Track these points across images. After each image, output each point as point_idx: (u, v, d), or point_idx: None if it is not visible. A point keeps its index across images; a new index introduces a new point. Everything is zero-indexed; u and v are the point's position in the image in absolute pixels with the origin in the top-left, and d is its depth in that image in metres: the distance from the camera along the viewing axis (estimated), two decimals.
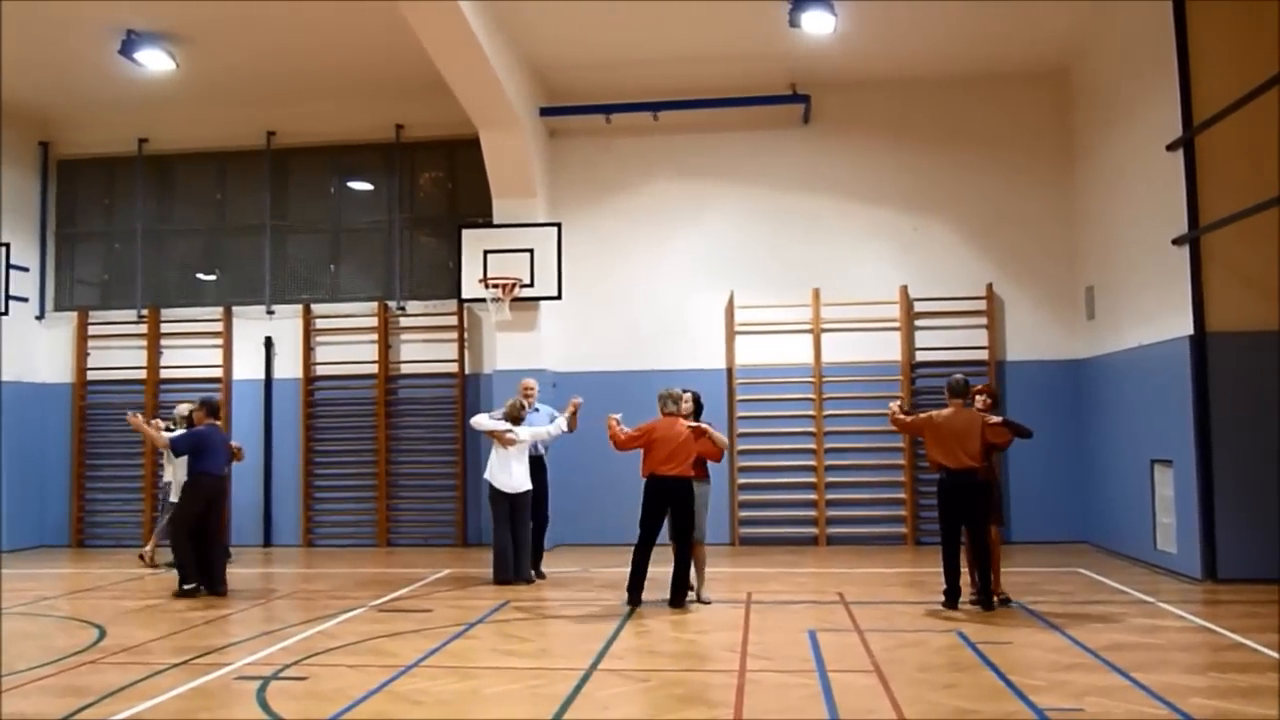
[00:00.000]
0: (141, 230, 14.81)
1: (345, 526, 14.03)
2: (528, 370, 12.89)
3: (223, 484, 10.25)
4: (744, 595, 9.42)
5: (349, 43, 12.34)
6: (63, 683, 6.42)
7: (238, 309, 14.47)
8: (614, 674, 6.42)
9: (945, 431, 8.56)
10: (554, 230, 12.86)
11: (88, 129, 14.87)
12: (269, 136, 14.48)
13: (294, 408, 14.17)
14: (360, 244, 14.66)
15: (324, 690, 6.10)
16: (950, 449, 8.51)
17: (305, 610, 9.07)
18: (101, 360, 14.66)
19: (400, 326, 14.21)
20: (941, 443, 8.56)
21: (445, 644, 7.40)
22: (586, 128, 13.72)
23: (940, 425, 8.60)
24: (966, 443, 8.50)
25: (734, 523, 13.33)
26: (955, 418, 8.61)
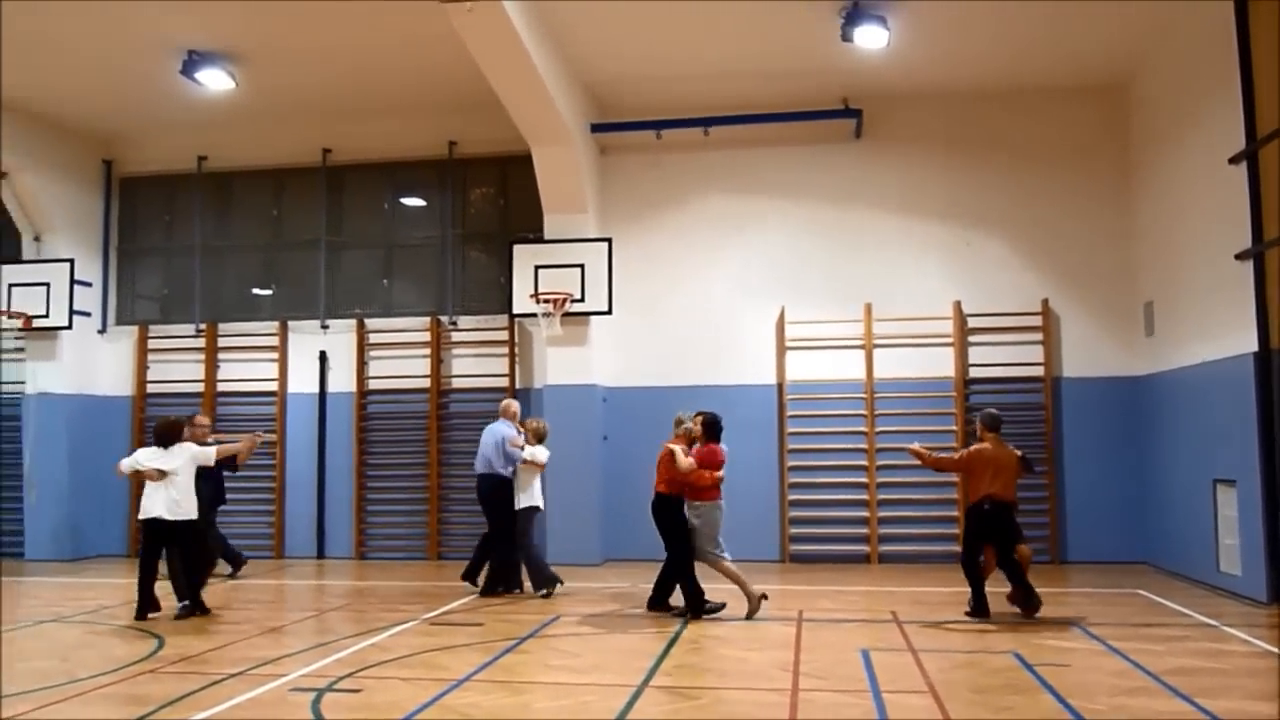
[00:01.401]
0: (200, 246, 15.10)
1: (397, 539, 14.14)
2: (578, 385, 12.97)
3: None
4: (795, 613, 9.34)
5: (404, 61, 12.50)
6: (124, 691, 6.53)
7: (293, 323, 14.69)
8: (665, 691, 6.40)
9: (992, 464, 9.03)
10: (604, 245, 12.91)
11: (149, 147, 15.20)
12: (325, 153, 14.70)
13: (347, 421, 14.33)
14: (413, 259, 14.82)
15: (377, 703, 6.14)
16: (997, 481, 9.01)
17: (358, 623, 9.15)
18: (161, 373, 14.94)
19: (452, 341, 14.33)
20: (989, 475, 9.02)
21: (496, 658, 7.42)
22: (637, 143, 13.77)
23: (988, 459, 9.06)
24: (1008, 475, 9.07)
25: (784, 539, 13.23)
26: (999, 451, 9.13)
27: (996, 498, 8.95)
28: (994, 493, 8.95)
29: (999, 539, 9.02)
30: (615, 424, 13.35)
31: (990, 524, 8.98)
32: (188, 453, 9.52)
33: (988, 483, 8.97)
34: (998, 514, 8.96)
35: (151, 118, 14.50)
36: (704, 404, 13.25)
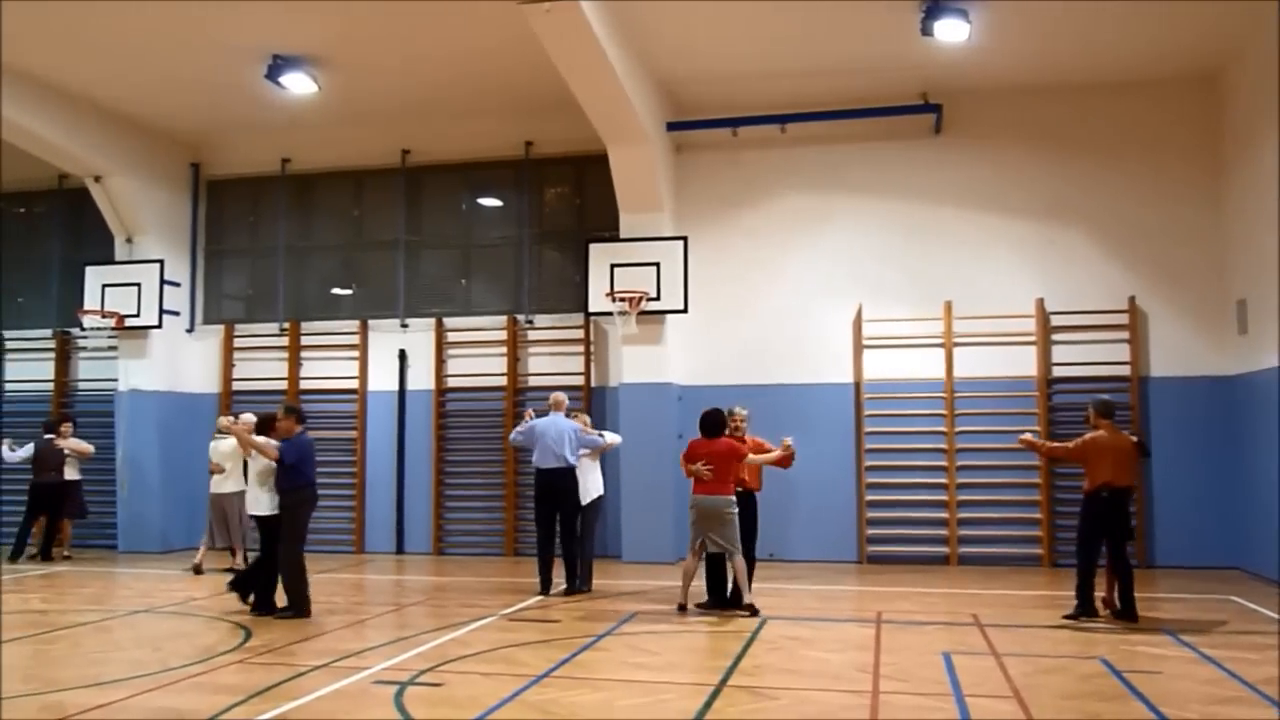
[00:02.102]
0: (284, 246, 15.44)
1: (474, 535, 14.30)
2: (653, 384, 12.98)
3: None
4: (874, 614, 9.23)
5: (482, 62, 12.62)
6: (214, 680, 6.70)
7: (373, 322, 14.93)
8: (744, 690, 6.37)
9: (1110, 451, 8.90)
10: (680, 244, 12.90)
11: (235, 150, 15.58)
12: (404, 155, 14.92)
13: (426, 418, 14.54)
14: (490, 259, 14.98)
15: (458, 697, 6.21)
16: (1115, 467, 8.86)
17: (437, 618, 9.27)
18: (246, 371, 15.31)
19: (528, 340, 14.45)
20: (1107, 462, 8.88)
21: (575, 655, 7.46)
22: (713, 141, 13.74)
23: (1105, 446, 8.92)
24: (1125, 461, 8.96)
25: (861, 540, 13.09)
26: (1115, 438, 8.98)
27: (1115, 485, 8.82)
28: (1111, 480, 8.82)
29: (1115, 530, 8.86)
30: (690, 423, 13.22)
31: (1108, 513, 8.82)
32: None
33: (1106, 470, 8.84)
34: (1116, 501, 8.83)
35: (237, 122, 14.85)
36: (780, 403, 13.31)
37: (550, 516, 10.57)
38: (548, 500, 10.56)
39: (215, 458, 12.10)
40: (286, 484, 9.16)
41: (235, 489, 11.90)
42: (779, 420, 13.21)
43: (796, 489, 13.23)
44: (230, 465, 11.98)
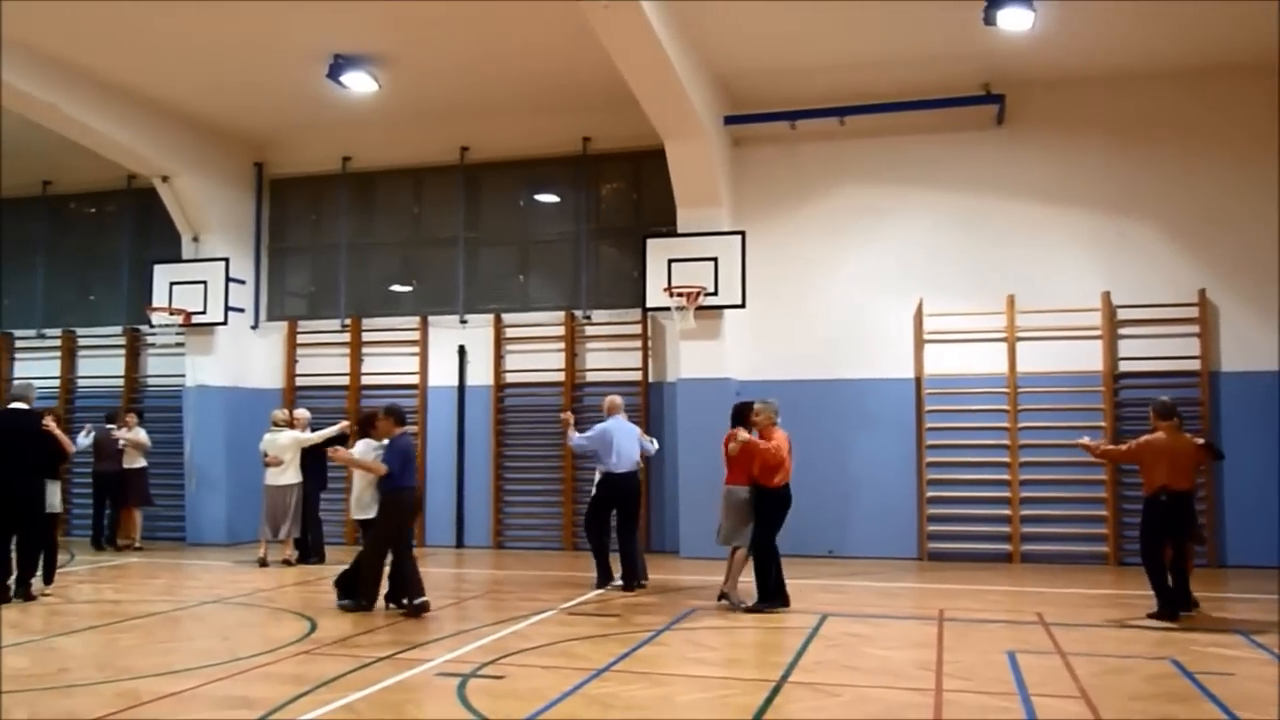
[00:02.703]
0: (345, 244, 15.65)
1: (533, 529, 14.38)
2: (711, 379, 12.93)
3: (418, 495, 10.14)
4: (935, 612, 9.13)
5: (539, 59, 12.67)
6: (282, 670, 6.82)
7: (433, 318, 15.08)
8: (805, 687, 6.34)
9: (1166, 454, 8.76)
10: (738, 239, 12.85)
11: (297, 149, 15.82)
12: (463, 152, 15.04)
13: (485, 414, 14.66)
14: (548, 255, 15.05)
15: (520, 690, 6.26)
16: (1173, 470, 8.71)
17: (497, 611, 9.34)
18: (309, 367, 15.55)
19: (586, 335, 14.50)
20: (1164, 465, 8.74)
21: (635, 649, 7.47)
22: (771, 135, 13.66)
23: (1161, 448, 8.79)
24: (1185, 464, 8.81)
25: (922, 537, 12.95)
26: (1174, 440, 8.80)
27: (1173, 489, 8.68)
28: (1169, 483, 8.69)
29: (1177, 532, 8.77)
30: None
31: (1168, 516, 8.72)
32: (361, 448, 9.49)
33: (1163, 473, 8.72)
34: (1176, 505, 8.70)
35: (299, 121, 15.08)
36: (839, 398, 13.23)
37: (610, 515, 10.66)
38: (620, 501, 10.60)
39: (273, 451, 12.34)
40: (386, 485, 9.09)
41: (292, 481, 12.21)
42: (838, 416, 13.24)
43: (856, 485, 13.15)
44: (289, 458, 12.25)
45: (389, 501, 9.09)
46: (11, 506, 9.78)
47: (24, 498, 9.83)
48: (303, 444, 12.32)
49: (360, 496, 9.33)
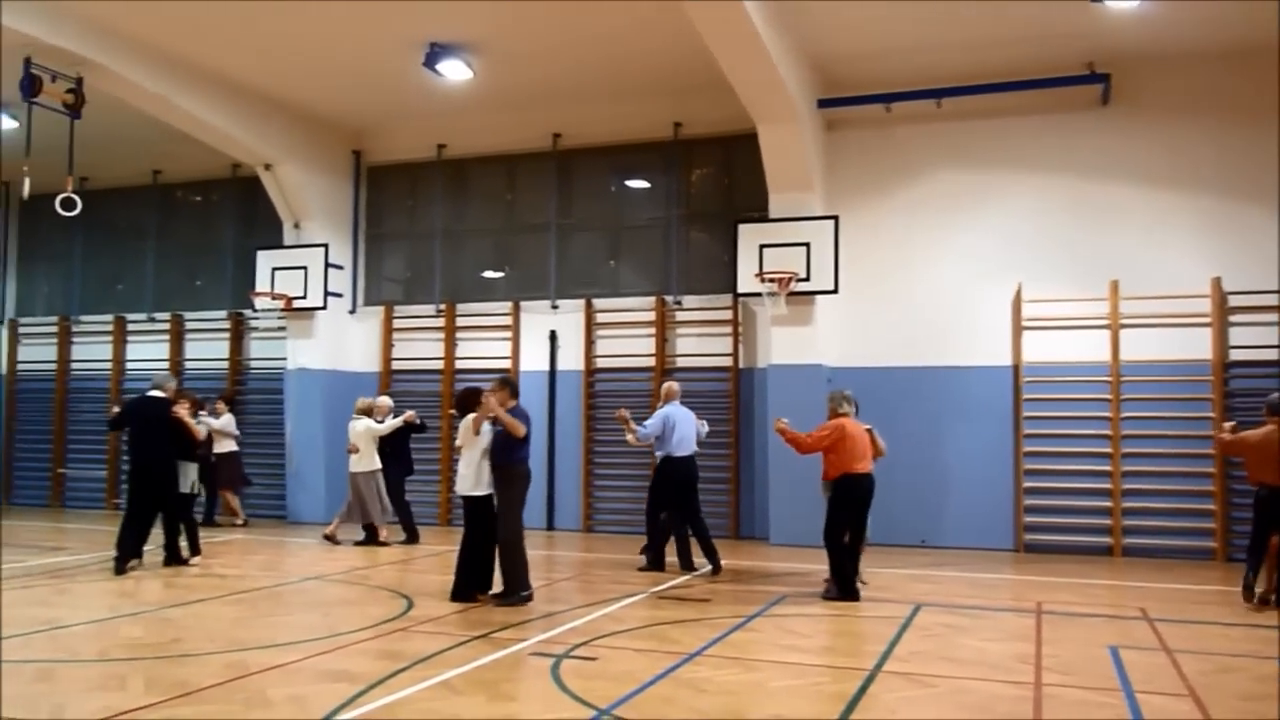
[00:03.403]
0: (440, 230, 15.90)
1: (622, 513, 14.45)
2: (803, 365, 12.84)
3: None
4: (1033, 604, 8.94)
5: (631, 44, 12.68)
6: (380, 646, 6.98)
7: (525, 304, 15.24)
8: (899, 677, 6.26)
9: (1266, 451, 8.76)
10: (831, 223, 12.70)
11: (394, 137, 16.11)
12: (555, 139, 15.14)
13: (576, 398, 14.77)
14: (639, 240, 15.08)
15: (613, 671, 6.30)
16: (1265, 465, 8.74)
17: (588, 593, 9.42)
18: (404, 351, 15.86)
19: (676, 320, 14.50)
20: (1264, 461, 8.74)
21: (726, 634, 7.47)
22: (865, 118, 13.46)
23: (1259, 445, 8.86)
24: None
25: (1018, 528, 12.68)
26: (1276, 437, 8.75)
27: (1269, 484, 8.72)
28: (1266, 479, 8.75)
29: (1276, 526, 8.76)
30: None
31: (1268, 510, 8.76)
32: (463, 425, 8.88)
33: (1261, 469, 8.79)
34: (1271, 500, 8.72)
35: (396, 110, 15.34)
36: (934, 385, 13.02)
37: (683, 501, 10.72)
38: (682, 485, 10.68)
39: (351, 438, 12.65)
40: (504, 459, 8.74)
41: (365, 468, 12.46)
42: (932, 403, 13.03)
43: (950, 474, 12.94)
44: (363, 445, 12.50)
45: (510, 475, 8.77)
46: (147, 486, 10.60)
47: (158, 478, 10.64)
48: (373, 434, 12.55)
49: (473, 473, 8.74)
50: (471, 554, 8.80)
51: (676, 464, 10.65)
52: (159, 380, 11.12)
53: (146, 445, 10.69)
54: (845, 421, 9.26)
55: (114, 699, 5.54)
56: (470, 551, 8.80)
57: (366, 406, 12.92)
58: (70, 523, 15.43)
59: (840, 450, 9.13)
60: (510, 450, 8.78)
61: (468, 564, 8.80)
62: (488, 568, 8.88)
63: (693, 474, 10.78)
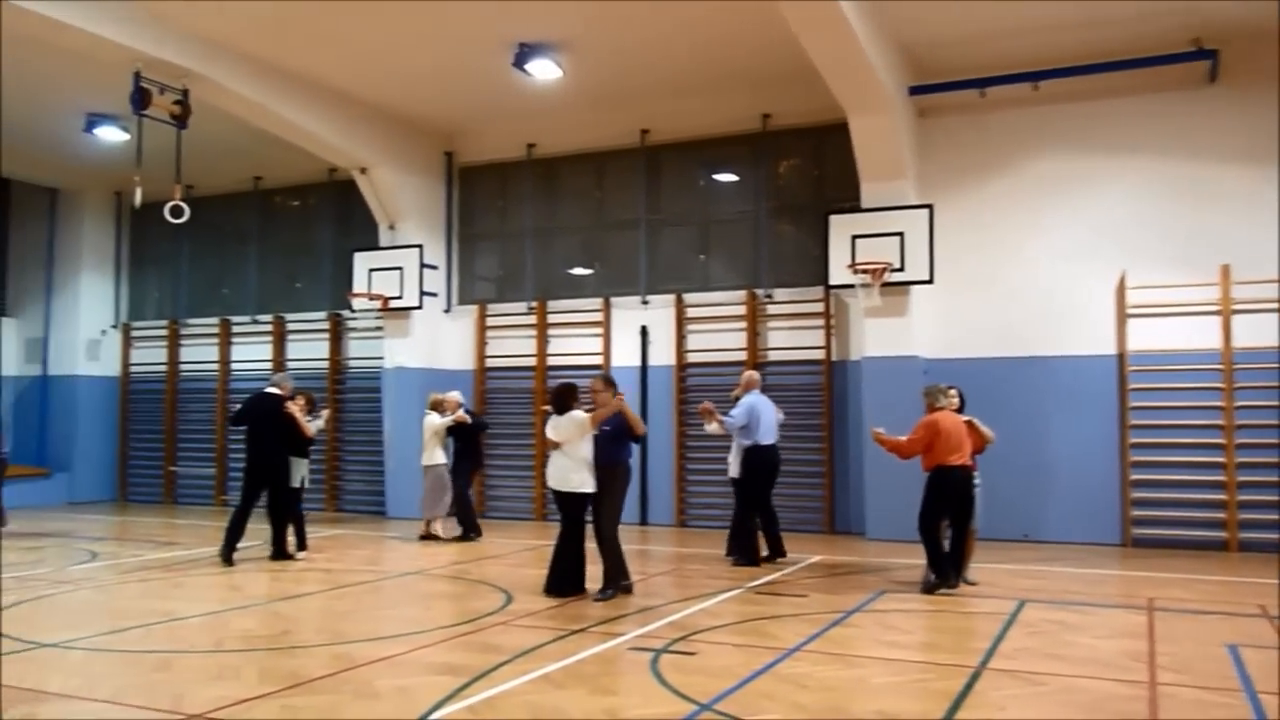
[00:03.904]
0: (530, 229, 16.05)
1: (715, 508, 14.40)
2: (898, 357, 12.64)
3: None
4: (1144, 601, 8.66)
5: (718, 38, 12.61)
6: (481, 640, 7.09)
7: (615, 299, 15.31)
8: (1006, 674, 6.12)
9: None
10: (925, 212, 12.47)
11: (484, 138, 16.31)
12: (643, 135, 15.16)
13: (668, 393, 14.79)
14: (728, 234, 15.02)
15: (712, 667, 6.29)
16: None
17: (684, 588, 9.43)
18: (498, 348, 16.07)
19: (767, 314, 14.41)
20: None
21: (825, 630, 7.40)
22: (959, 104, 13.19)
23: None
24: None
25: (1126, 522, 12.31)
26: None
27: None
28: None
29: None
30: None
31: None
32: (574, 421, 8.71)
33: None
34: None
35: (486, 110, 15.52)
36: (1034, 376, 12.72)
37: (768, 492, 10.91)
38: (769, 474, 10.86)
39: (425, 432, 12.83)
40: (611, 457, 8.76)
41: (431, 462, 12.66)
42: (1033, 394, 12.72)
43: (1053, 467, 12.62)
44: (428, 439, 12.69)
45: (621, 472, 8.85)
46: (258, 479, 11.08)
47: (269, 472, 11.05)
48: (434, 428, 12.69)
49: (581, 469, 8.60)
50: (570, 551, 8.83)
51: (763, 452, 10.76)
52: (275, 379, 11.59)
53: (260, 440, 11.09)
54: (939, 416, 9.24)
55: (230, 689, 5.73)
56: (569, 548, 8.82)
57: (436, 401, 13.03)
58: (181, 518, 16.00)
59: (934, 444, 9.13)
60: (618, 448, 8.89)
61: (565, 560, 8.83)
62: (582, 565, 8.91)
63: (777, 462, 10.93)
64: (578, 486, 8.65)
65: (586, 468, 8.65)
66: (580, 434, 8.62)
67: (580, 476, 8.64)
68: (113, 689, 5.78)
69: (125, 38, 11.56)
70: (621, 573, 8.85)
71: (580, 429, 8.63)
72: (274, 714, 5.24)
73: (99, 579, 9.98)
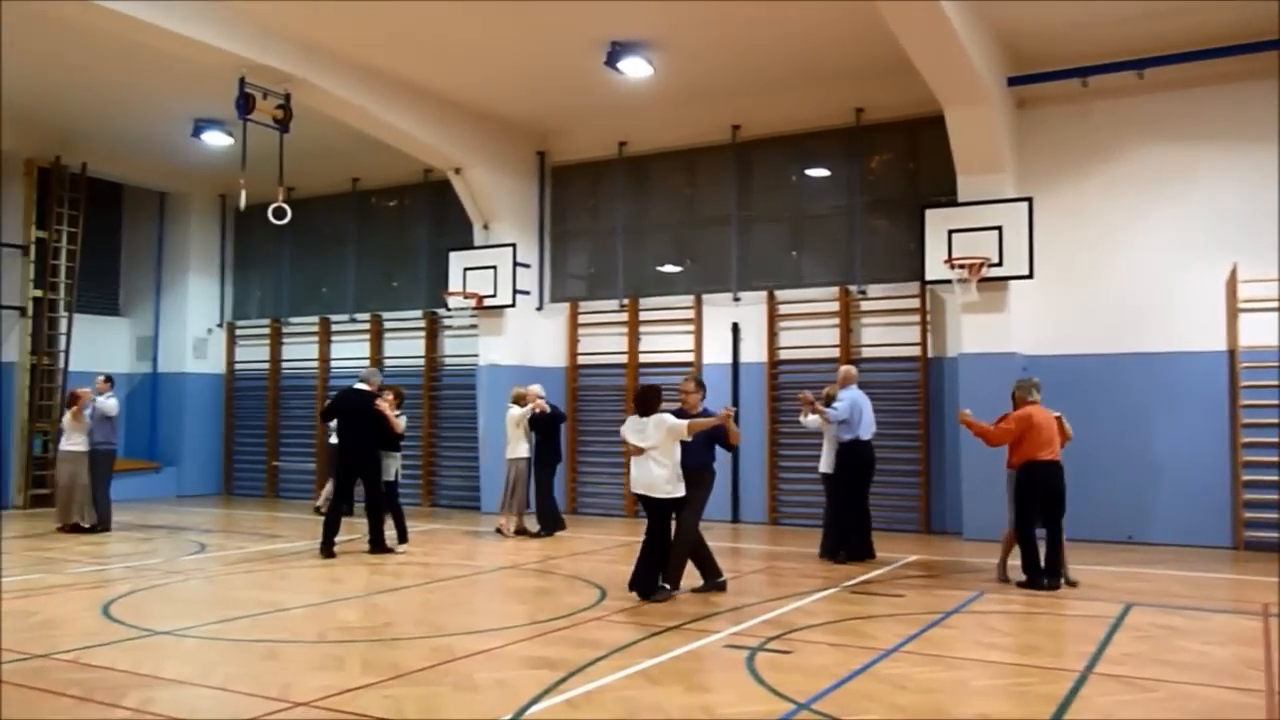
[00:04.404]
0: (622, 227, 16.11)
1: (809, 506, 14.30)
2: (996, 354, 12.37)
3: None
4: (1258, 606, 8.34)
5: (810, 32, 12.49)
6: (576, 635, 7.14)
7: (707, 297, 15.28)
8: (1113, 680, 5.95)
9: None
10: (1024, 205, 12.18)
11: (576, 137, 16.42)
12: (734, 130, 15.10)
13: (759, 391, 14.71)
14: (820, 230, 14.88)
15: (809, 666, 6.24)
16: None
17: (778, 586, 9.39)
18: (589, 346, 16.16)
19: (861, 310, 14.24)
20: None
21: (923, 631, 7.29)
22: (1059, 94, 12.84)
23: None
24: None
25: (1237, 524, 11.85)
26: None
27: None
28: None
29: None
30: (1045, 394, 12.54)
31: None
32: (665, 426, 8.43)
33: None
34: None
35: (578, 109, 15.62)
36: (1138, 373, 12.34)
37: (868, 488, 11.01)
38: (867, 468, 10.92)
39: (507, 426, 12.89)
40: (701, 462, 8.71)
41: (513, 456, 12.74)
42: (1137, 392, 12.35)
43: (1158, 466, 12.23)
44: (510, 433, 12.74)
45: (708, 476, 8.85)
46: (349, 474, 11.40)
47: (360, 466, 11.32)
48: (514, 420, 12.75)
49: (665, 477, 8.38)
50: (657, 552, 8.61)
51: (863, 448, 10.80)
52: (364, 374, 11.83)
53: (350, 435, 11.36)
54: (1033, 410, 9.24)
55: (334, 678, 5.88)
56: (656, 549, 8.62)
57: (519, 395, 13.03)
58: (283, 512, 16.46)
59: (1027, 439, 9.11)
60: (708, 452, 8.82)
61: (652, 561, 8.61)
62: (662, 567, 8.65)
63: (875, 458, 11.02)
64: (669, 493, 8.44)
65: (676, 474, 8.45)
66: (673, 440, 8.41)
67: (670, 483, 8.43)
68: (223, 676, 5.98)
69: (231, 44, 11.93)
70: (716, 569, 8.90)
71: (673, 436, 8.40)
72: (377, 704, 5.36)
73: (207, 569, 10.33)
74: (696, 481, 8.65)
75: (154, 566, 10.38)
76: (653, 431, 8.43)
